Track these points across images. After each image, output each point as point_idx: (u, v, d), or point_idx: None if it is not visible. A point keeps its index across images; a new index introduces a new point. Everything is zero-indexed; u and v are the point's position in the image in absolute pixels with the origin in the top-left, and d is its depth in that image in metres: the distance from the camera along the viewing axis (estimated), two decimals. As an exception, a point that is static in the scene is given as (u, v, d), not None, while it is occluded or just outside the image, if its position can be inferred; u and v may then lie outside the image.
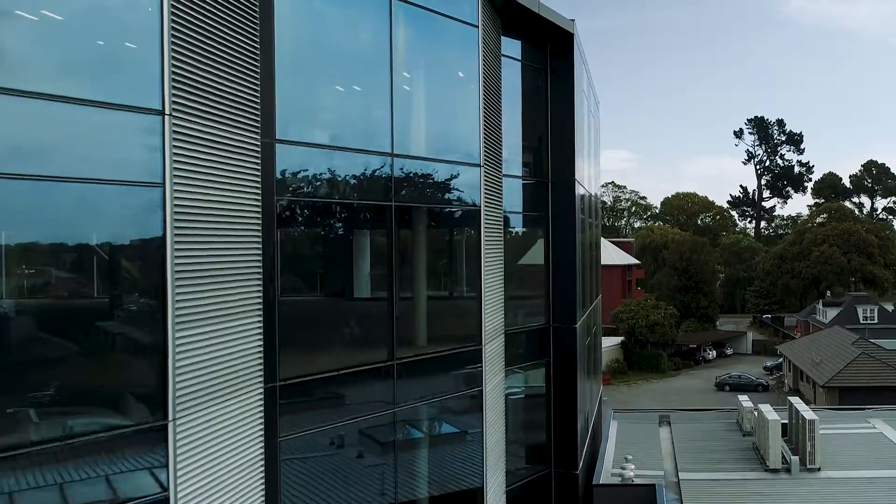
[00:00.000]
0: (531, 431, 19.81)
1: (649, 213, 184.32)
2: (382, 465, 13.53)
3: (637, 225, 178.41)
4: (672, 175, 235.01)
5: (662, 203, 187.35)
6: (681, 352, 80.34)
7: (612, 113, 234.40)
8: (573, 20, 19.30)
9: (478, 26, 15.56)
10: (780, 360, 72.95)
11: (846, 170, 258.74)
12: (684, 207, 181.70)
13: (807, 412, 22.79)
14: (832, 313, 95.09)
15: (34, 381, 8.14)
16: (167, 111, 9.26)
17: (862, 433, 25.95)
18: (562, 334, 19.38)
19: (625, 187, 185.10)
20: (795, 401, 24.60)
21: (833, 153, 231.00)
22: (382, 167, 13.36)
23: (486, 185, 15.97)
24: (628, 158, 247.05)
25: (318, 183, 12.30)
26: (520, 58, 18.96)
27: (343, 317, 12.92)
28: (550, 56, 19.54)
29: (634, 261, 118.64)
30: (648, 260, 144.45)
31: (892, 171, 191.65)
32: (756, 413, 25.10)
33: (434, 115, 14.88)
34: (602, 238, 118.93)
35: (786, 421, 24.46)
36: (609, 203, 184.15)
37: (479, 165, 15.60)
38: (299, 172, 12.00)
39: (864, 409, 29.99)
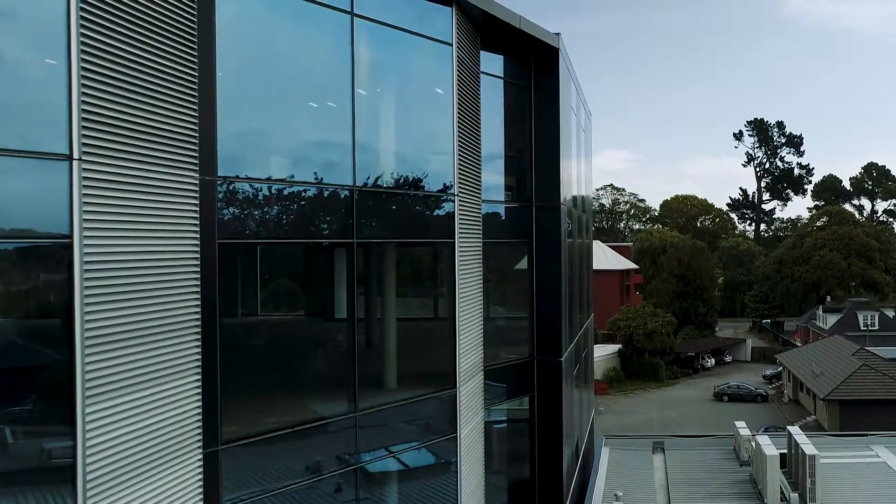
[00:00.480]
0: (514, 470, 18.66)
1: (648, 216, 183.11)
2: (343, 527, 12.39)
3: (636, 227, 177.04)
4: (672, 175, 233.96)
5: (661, 205, 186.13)
6: (679, 359, 79.15)
7: (612, 113, 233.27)
8: (558, 34, 18.15)
9: (452, 44, 14.42)
10: (780, 368, 71.77)
11: (846, 171, 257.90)
12: (683, 210, 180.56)
13: (807, 445, 21.62)
14: (832, 319, 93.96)
15: None
16: (76, 155, 8.11)
17: (865, 463, 24.79)
18: (546, 368, 18.23)
19: (623, 189, 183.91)
20: (795, 431, 23.43)
21: (833, 154, 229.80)
22: (342, 202, 12.21)
23: (461, 214, 14.83)
24: (628, 159, 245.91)
25: (268, 222, 11.15)
26: (502, 75, 17.81)
27: (298, 367, 11.76)
28: (535, 72, 18.39)
29: (633, 265, 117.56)
30: (647, 263, 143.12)
31: (892, 173, 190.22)
32: (753, 444, 23.95)
33: (403, 142, 13.73)
34: (600, 242, 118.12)
35: (784, 450, 23.32)
36: (608, 206, 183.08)
37: (453, 195, 14.46)
38: (246, 211, 10.85)
39: (866, 435, 28.82)
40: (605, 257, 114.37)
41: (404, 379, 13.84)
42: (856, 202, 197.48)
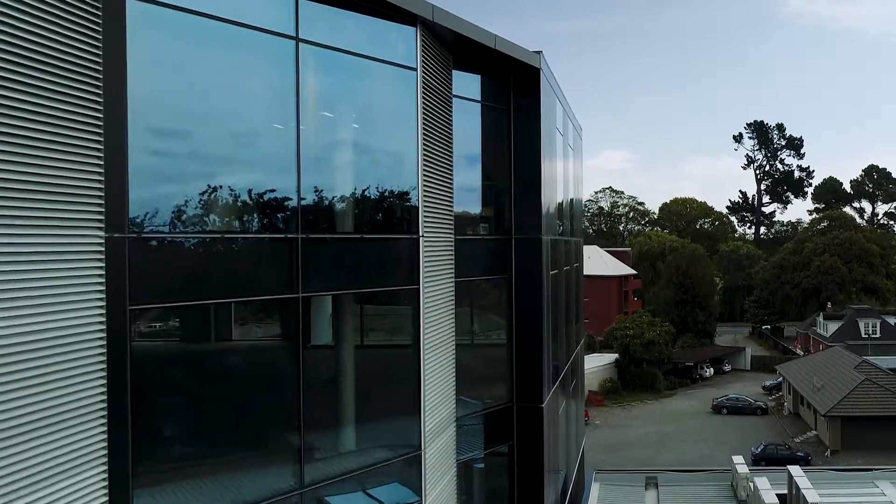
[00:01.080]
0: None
1: (647, 219, 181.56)
2: None
3: (635, 229, 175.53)
4: (672, 175, 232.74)
5: (660, 208, 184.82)
6: (677, 369, 77.73)
7: (612, 112, 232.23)
8: (539, 52, 16.73)
9: (416, 69, 13.00)
10: (780, 379, 70.32)
11: (846, 171, 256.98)
12: (683, 213, 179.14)
13: (808, 491, 20.21)
14: (833, 327, 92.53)
15: None
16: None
17: (869, 502, 23.39)
18: (527, 414, 16.82)
19: (622, 192, 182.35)
20: (795, 472, 22.00)
21: (832, 154, 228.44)
22: (285, 252, 10.80)
23: (428, 255, 13.41)
24: (628, 158, 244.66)
25: (194, 281, 9.73)
26: (478, 98, 16.40)
27: (231, 445, 10.34)
28: (514, 94, 16.98)
29: (631, 271, 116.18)
30: (646, 267, 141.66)
31: (893, 175, 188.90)
32: (752, 484, 22.54)
33: (359, 180, 12.30)
34: (598, 248, 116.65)
35: (784, 489, 21.94)
36: (606, 208, 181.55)
37: (417, 235, 13.04)
38: (167, 271, 9.44)
39: (870, 470, 27.40)
40: (602, 263, 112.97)
41: (361, 443, 12.42)
42: (856, 205, 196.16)
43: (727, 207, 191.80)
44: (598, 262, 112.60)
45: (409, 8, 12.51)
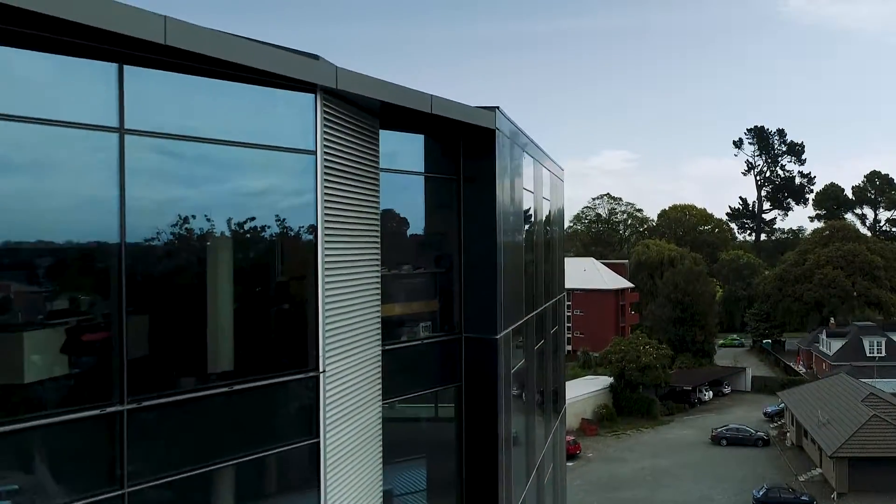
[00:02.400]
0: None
1: (646, 227, 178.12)
2: None
3: (632, 238, 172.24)
4: (672, 176, 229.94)
5: (659, 215, 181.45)
6: (674, 393, 74.53)
7: (611, 112, 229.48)
8: (495, 109, 13.51)
9: (315, 152, 9.81)
10: (782, 405, 67.10)
11: (846, 172, 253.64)
12: (682, 220, 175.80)
13: None
14: (837, 345, 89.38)
15: None
16: None
17: None
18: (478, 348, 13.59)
19: (620, 199, 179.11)
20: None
21: (833, 157, 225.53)
22: (104, 431, 7.64)
23: (335, 394, 10.22)
24: (629, 159, 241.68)
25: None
26: (418, 168, 13.23)
27: None
28: (464, 159, 13.78)
29: (628, 284, 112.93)
30: (644, 278, 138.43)
31: (895, 181, 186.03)
32: None
33: (219, 316, 9.11)
34: (594, 260, 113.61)
35: None
36: (604, 215, 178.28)
37: (316, 371, 9.85)
38: None
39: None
40: (599, 276, 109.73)
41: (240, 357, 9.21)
42: (858, 211, 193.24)
43: (727, 214, 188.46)
44: (594, 275, 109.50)
45: (303, 77, 9.33)
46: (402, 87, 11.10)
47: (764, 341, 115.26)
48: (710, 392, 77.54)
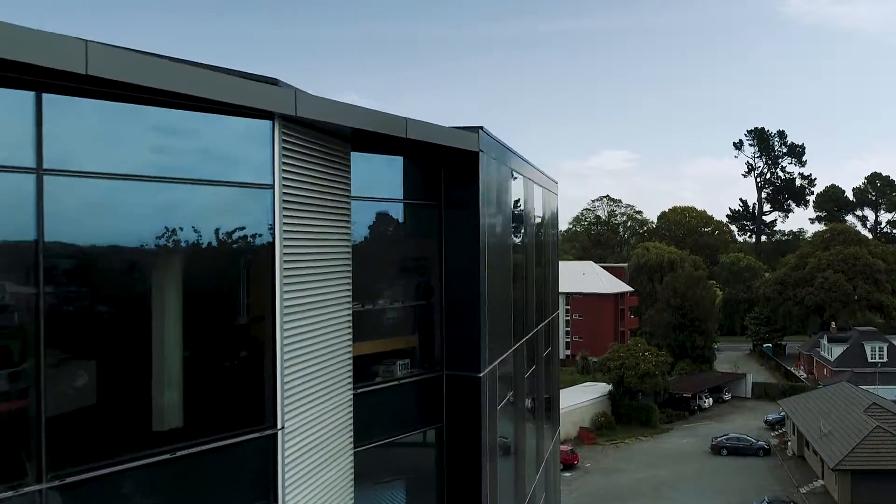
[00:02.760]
0: None
1: (645, 228, 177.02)
2: None
3: (632, 239, 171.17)
4: (672, 176, 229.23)
5: (659, 217, 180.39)
6: (674, 399, 73.53)
7: (613, 112, 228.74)
8: (479, 129, 12.56)
9: (272, 185, 8.87)
10: (782, 413, 66.10)
11: (846, 173, 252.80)
12: (682, 222, 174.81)
13: None
14: (838, 350, 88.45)
15: None
16: None
17: None
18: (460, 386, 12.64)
19: (620, 201, 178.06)
20: None
21: (833, 155, 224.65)
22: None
23: (290, 460, 9.25)
24: (629, 158, 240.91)
25: None
26: (395, 195, 12.28)
27: None
28: (446, 184, 12.83)
29: (627, 288, 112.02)
30: (644, 281, 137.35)
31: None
32: None
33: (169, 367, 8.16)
34: (593, 263, 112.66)
35: None
36: (604, 217, 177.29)
37: (274, 429, 8.89)
38: None
39: None
40: (597, 280, 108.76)
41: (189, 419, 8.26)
42: (859, 213, 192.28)
43: (727, 216, 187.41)
44: (593, 278, 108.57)
45: (256, 104, 8.38)
46: (373, 112, 10.15)
47: (764, 345, 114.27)
48: (710, 399, 76.50)
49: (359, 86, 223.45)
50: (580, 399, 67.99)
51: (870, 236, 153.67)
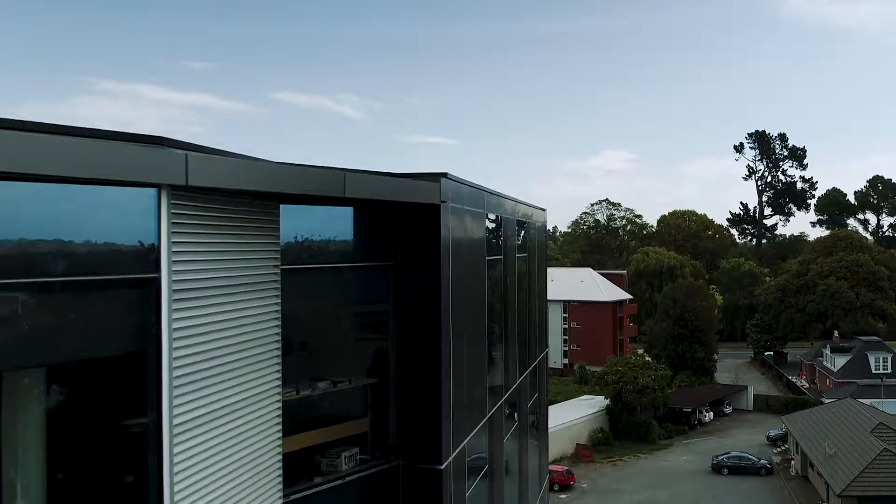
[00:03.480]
0: None
1: (645, 231, 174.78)
2: None
3: (632, 243, 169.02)
4: (672, 176, 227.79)
5: (659, 221, 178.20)
6: (673, 413, 71.60)
7: (613, 112, 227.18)
8: (440, 178, 10.65)
9: (157, 273, 6.97)
10: (785, 429, 64.18)
11: (848, 176, 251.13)
12: (682, 226, 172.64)
13: None
14: (841, 361, 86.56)
15: None
16: None
17: None
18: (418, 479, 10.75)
19: (619, 204, 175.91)
20: None
21: (834, 157, 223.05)
22: None
23: None
24: (628, 159, 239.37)
25: None
26: (347, 257, 10.37)
27: None
28: (403, 239, 10.93)
29: (626, 295, 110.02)
30: (643, 286, 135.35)
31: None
32: None
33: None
34: (591, 270, 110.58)
35: None
36: (603, 221, 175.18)
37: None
38: None
39: None
40: (596, 287, 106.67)
41: None
42: (860, 216, 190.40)
43: (728, 220, 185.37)
44: (592, 286, 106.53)
45: (135, 178, 6.47)
46: (299, 170, 8.25)
47: (765, 353, 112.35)
48: (711, 413, 74.56)
49: (359, 87, 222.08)
50: (577, 415, 66.09)
51: (870, 238, 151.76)
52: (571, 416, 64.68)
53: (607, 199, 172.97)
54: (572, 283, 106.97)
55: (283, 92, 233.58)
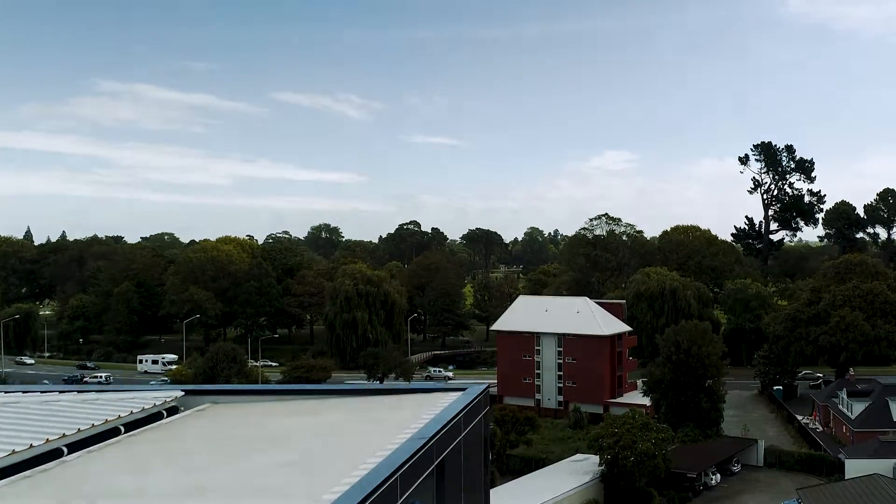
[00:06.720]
0: None
1: (645, 249, 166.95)
2: None
3: (632, 261, 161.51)
4: (673, 177, 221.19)
5: (661, 237, 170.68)
6: (675, 476, 64.16)
7: (613, 111, 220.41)
8: None
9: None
10: (800, 502, 56.85)
11: (846, 175, 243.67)
12: (684, 242, 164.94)
13: None
14: (859, 407, 79.23)
15: None
16: None
17: None
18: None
19: (619, 220, 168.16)
20: None
21: (843, 169, 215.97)
22: None
23: None
24: (629, 159, 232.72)
25: None
26: None
27: None
28: None
29: (625, 328, 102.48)
30: (644, 308, 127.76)
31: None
32: None
33: None
34: (588, 300, 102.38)
35: None
36: (603, 236, 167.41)
37: None
38: None
39: None
40: (594, 319, 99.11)
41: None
42: (870, 230, 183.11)
43: (732, 235, 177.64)
44: (588, 318, 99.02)
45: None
46: None
47: (774, 388, 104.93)
48: (718, 475, 67.22)
49: (360, 88, 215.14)
50: (567, 486, 58.66)
51: (875, 249, 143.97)
52: (561, 489, 57.42)
53: (607, 213, 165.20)
54: (568, 315, 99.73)
55: (284, 92, 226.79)
